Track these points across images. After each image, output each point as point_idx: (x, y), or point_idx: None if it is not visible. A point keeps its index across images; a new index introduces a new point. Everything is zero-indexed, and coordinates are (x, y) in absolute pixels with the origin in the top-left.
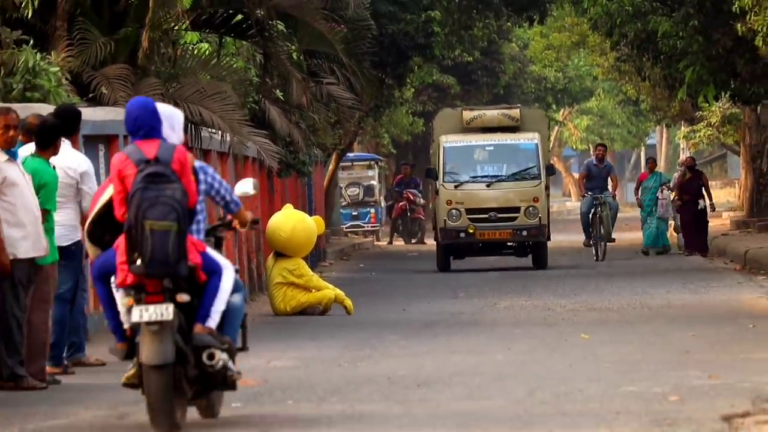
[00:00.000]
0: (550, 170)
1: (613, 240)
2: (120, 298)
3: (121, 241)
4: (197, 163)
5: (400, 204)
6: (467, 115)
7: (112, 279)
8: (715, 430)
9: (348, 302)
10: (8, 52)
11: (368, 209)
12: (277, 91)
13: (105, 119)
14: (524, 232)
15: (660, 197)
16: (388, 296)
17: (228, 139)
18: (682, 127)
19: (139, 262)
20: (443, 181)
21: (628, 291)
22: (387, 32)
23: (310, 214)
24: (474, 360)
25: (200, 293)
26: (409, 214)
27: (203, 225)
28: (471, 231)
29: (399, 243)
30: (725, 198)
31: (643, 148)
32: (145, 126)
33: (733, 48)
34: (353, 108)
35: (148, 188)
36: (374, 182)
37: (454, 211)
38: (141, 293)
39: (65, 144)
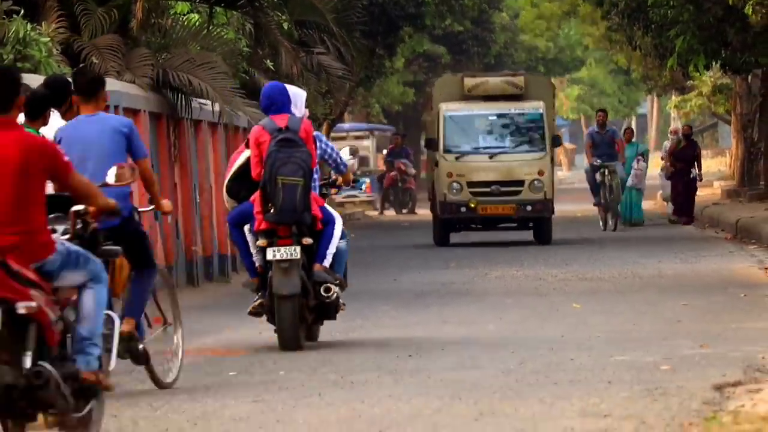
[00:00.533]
0: (556, 141)
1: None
2: (253, 241)
3: (257, 195)
4: (315, 133)
5: (391, 174)
6: (469, 82)
7: (246, 227)
8: (707, 399)
9: None
10: None
11: (363, 179)
12: (268, 61)
13: None
14: (529, 207)
15: (635, 168)
16: (380, 266)
17: (218, 108)
18: (673, 97)
19: (272, 211)
20: (443, 151)
21: (619, 261)
22: (377, 2)
23: None
24: (465, 330)
25: (317, 238)
26: (400, 184)
27: (317, 183)
28: (473, 205)
29: (390, 213)
30: (716, 167)
31: (633, 118)
32: (277, 102)
33: (723, 17)
34: (344, 78)
35: (281, 151)
36: (369, 153)
37: (455, 184)
38: (273, 237)
39: (55, 115)
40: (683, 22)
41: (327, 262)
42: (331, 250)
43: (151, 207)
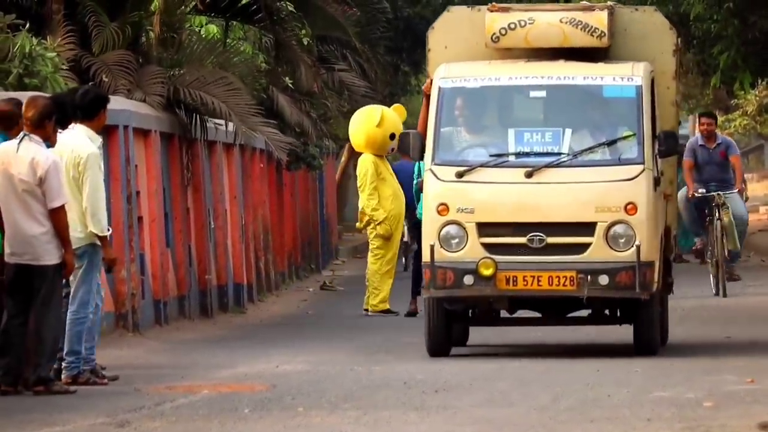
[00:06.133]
0: (669, 144)
1: (736, 278)
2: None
3: None
4: None
5: None
6: (495, 21)
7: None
8: None
9: None
10: (2, 37)
11: None
12: (287, 78)
13: None
14: (603, 279)
15: None
16: (404, 296)
17: (234, 128)
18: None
19: None
20: (434, 161)
21: None
22: (402, 15)
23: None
24: (495, 364)
25: None
26: None
27: None
28: (487, 273)
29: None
30: (762, 191)
31: None
32: None
33: None
34: (367, 96)
35: None
36: None
37: (453, 228)
38: None
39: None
40: (727, 36)
41: None
42: None
43: None
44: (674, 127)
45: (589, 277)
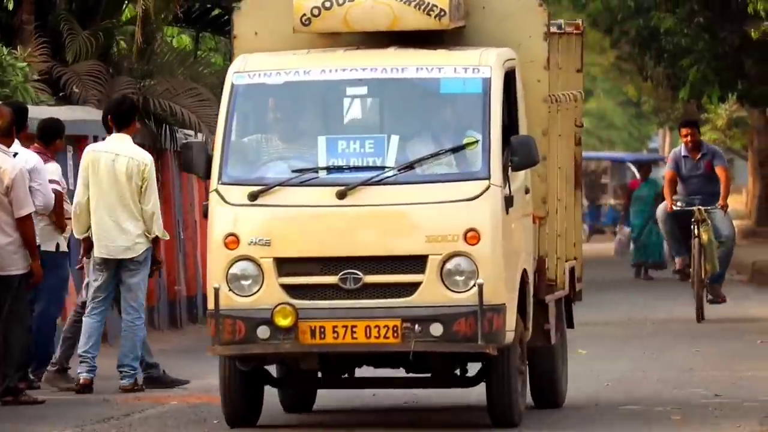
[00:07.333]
0: (523, 153)
1: (721, 300)
2: None
3: None
4: None
5: None
6: None
7: None
8: None
9: None
10: None
11: None
12: None
13: (74, 119)
14: (436, 328)
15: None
16: None
17: (204, 139)
18: None
19: None
20: (221, 180)
21: (627, 304)
22: None
23: None
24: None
25: None
26: None
27: None
28: (285, 323)
29: None
30: (731, 206)
31: (644, 153)
32: None
33: (741, 46)
34: None
35: None
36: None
37: (244, 265)
38: None
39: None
40: (697, 51)
41: None
42: None
43: None
44: (546, 131)
45: (417, 326)
